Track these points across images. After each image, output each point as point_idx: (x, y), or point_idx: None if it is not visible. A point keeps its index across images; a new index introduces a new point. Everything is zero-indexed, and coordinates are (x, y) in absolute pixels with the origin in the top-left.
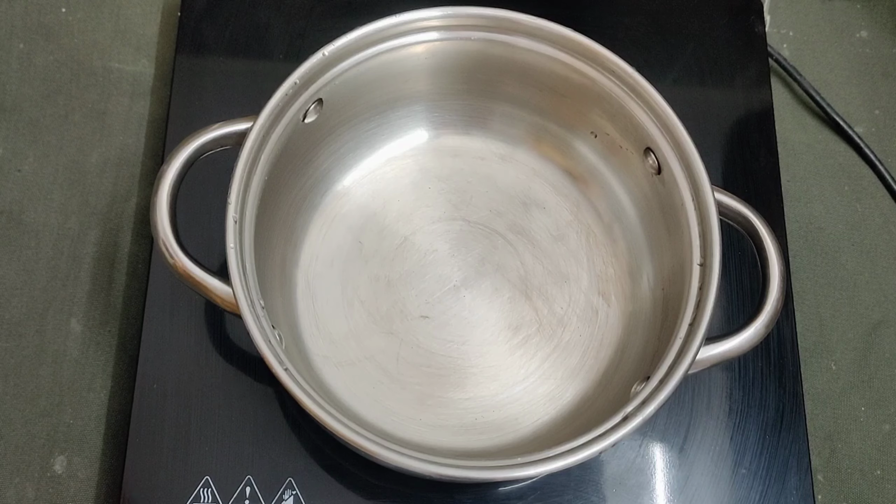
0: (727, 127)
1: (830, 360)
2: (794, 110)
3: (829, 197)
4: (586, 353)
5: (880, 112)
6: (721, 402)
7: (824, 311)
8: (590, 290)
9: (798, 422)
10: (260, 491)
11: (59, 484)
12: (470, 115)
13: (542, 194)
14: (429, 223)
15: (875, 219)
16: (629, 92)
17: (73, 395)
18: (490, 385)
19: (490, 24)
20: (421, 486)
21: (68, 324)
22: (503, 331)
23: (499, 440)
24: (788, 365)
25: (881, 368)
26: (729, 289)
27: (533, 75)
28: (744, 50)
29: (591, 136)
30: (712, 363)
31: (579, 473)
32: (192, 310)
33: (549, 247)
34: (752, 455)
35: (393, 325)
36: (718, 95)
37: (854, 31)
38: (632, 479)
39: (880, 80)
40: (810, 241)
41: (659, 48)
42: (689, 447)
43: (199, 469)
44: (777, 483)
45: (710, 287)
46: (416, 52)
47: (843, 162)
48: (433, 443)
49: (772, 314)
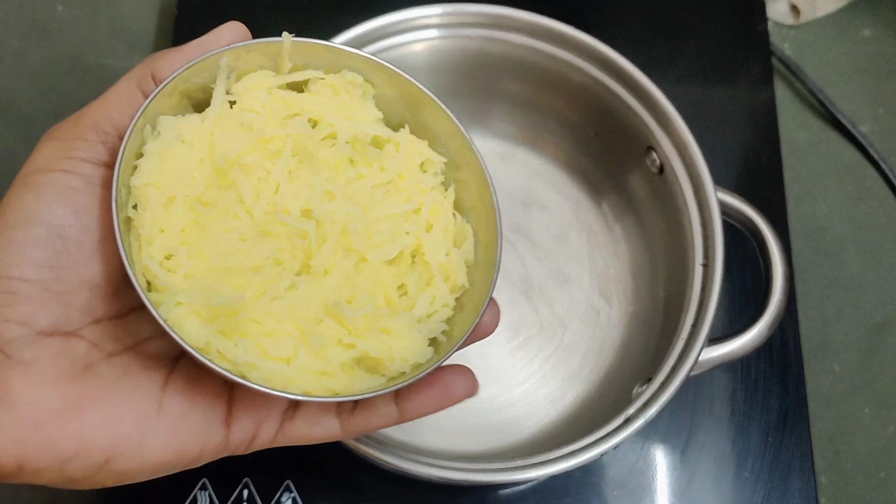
0: (729, 126)
1: (834, 361)
2: (797, 109)
3: (833, 196)
4: (587, 355)
5: (884, 111)
6: (723, 404)
7: (828, 311)
8: (591, 290)
9: (801, 424)
10: (258, 493)
11: None
12: (470, 114)
13: (542, 194)
14: None
15: (879, 219)
16: (631, 90)
17: None
18: (490, 387)
19: (490, 22)
20: (421, 489)
21: None
22: (504, 332)
23: (499, 442)
24: (791, 366)
25: (885, 370)
26: (731, 289)
27: (533, 73)
28: (746, 48)
29: (592, 135)
30: (714, 364)
31: (580, 476)
32: None
33: (549, 247)
34: (754, 457)
35: None
36: (721, 94)
37: (857, 30)
38: (633, 482)
39: (884, 78)
40: (813, 241)
41: (660, 46)
42: (691, 449)
43: (196, 471)
44: (780, 486)
45: (713, 288)
46: (416, 51)
47: (847, 161)
48: (433, 445)
49: (775, 315)
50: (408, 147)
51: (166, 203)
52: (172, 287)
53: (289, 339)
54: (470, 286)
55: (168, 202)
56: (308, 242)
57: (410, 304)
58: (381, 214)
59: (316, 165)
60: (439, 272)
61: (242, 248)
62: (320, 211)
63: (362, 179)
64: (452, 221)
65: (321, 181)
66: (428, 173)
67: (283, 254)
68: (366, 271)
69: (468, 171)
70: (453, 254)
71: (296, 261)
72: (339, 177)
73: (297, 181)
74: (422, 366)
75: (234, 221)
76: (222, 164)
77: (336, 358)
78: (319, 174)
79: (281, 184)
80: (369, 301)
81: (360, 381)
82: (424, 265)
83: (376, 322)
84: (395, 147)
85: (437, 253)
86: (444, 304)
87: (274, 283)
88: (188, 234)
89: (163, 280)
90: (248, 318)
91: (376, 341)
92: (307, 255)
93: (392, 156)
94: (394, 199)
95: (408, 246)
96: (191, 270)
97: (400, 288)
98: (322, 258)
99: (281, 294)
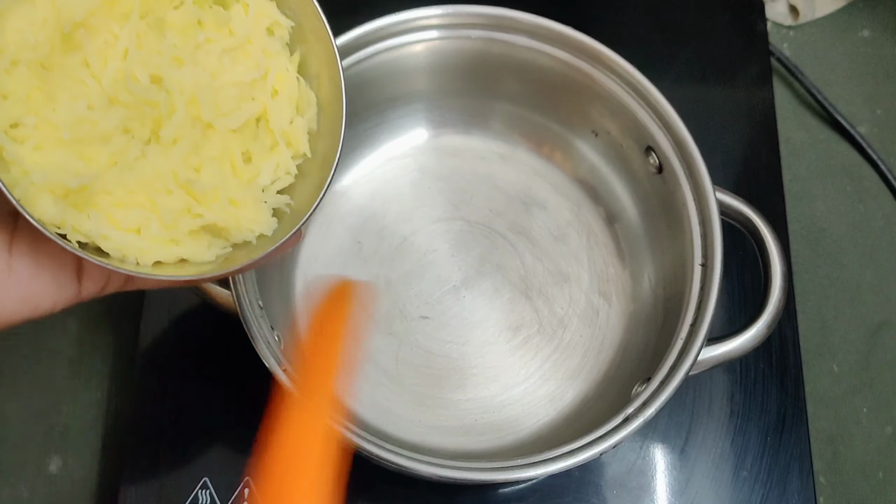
0: (729, 126)
1: (833, 361)
2: (796, 109)
3: (832, 197)
4: (587, 354)
5: (882, 112)
6: (722, 404)
7: (826, 312)
8: (590, 290)
9: (800, 424)
10: (259, 492)
11: (54, 484)
12: (470, 115)
13: (542, 194)
14: (428, 223)
15: (877, 219)
16: (630, 91)
17: (69, 395)
18: (490, 386)
19: (490, 23)
20: (421, 488)
21: (65, 323)
22: (503, 331)
23: (499, 441)
24: (790, 367)
25: (884, 371)
26: (730, 289)
27: (533, 74)
28: (745, 48)
29: (591, 135)
30: (713, 364)
31: (580, 475)
32: (191, 310)
33: (549, 246)
34: (753, 457)
35: (392, 325)
36: (720, 94)
37: (856, 31)
38: (632, 481)
39: (882, 79)
40: (812, 241)
41: (660, 46)
42: (690, 449)
43: (197, 470)
44: (779, 486)
45: (712, 287)
46: (416, 51)
47: (846, 162)
48: (433, 444)
49: (773, 315)
50: (256, 9)
51: (8, 68)
52: (22, 161)
53: (139, 209)
54: (311, 156)
55: (10, 66)
56: (157, 111)
57: (255, 173)
58: (229, 82)
59: (164, 29)
60: (283, 139)
61: (91, 116)
62: (169, 78)
63: (210, 44)
64: (297, 88)
65: (169, 46)
66: (275, 36)
67: (132, 122)
68: (213, 139)
69: (315, 40)
70: (296, 121)
71: (145, 129)
72: (187, 41)
73: (145, 46)
74: (265, 238)
75: (81, 88)
76: (68, 27)
77: (185, 227)
78: (167, 38)
79: (129, 49)
80: (217, 170)
81: (207, 246)
82: (269, 132)
83: (225, 193)
84: (243, 9)
85: (282, 120)
86: (287, 172)
87: (124, 154)
88: (34, 102)
89: (11, 152)
90: (101, 189)
91: (224, 212)
92: (156, 124)
93: (240, 18)
94: (242, 65)
95: (254, 113)
96: (40, 142)
97: (243, 154)
98: (171, 128)
99: (131, 165)
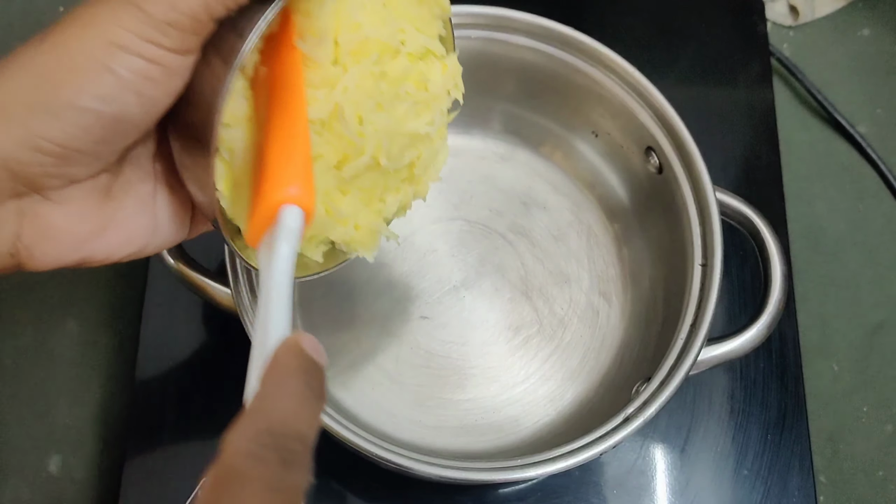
0: (729, 126)
1: (833, 360)
2: (796, 109)
3: (832, 196)
4: (587, 354)
5: (882, 111)
6: (722, 403)
7: (826, 311)
8: (591, 290)
9: (800, 423)
10: None
11: (55, 485)
12: (470, 115)
13: (542, 194)
14: (428, 223)
15: (877, 219)
16: (630, 91)
17: (69, 396)
18: (490, 386)
19: (490, 23)
20: (421, 488)
21: (65, 324)
22: (503, 331)
23: (499, 441)
24: (790, 366)
25: (883, 369)
26: (730, 289)
27: (533, 74)
28: (745, 49)
29: (592, 135)
30: (714, 364)
31: (580, 475)
32: (191, 311)
33: (549, 247)
34: (753, 456)
35: (392, 325)
36: (720, 94)
37: (856, 30)
38: (633, 481)
39: (882, 78)
40: (812, 240)
41: (660, 47)
42: (690, 448)
43: (197, 470)
44: (779, 484)
45: (712, 287)
46: None
47: (846, 161)
48: (433, 444)
49: (774, 315)
50: (451, 72)
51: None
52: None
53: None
54: None
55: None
56: (348, 148)
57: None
58: (408, 132)
59: (384, 78)
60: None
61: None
62: (368, 121)
63: (409, 96)
64: (446, 148)
65: (379, 93)
66: (449, 96)
67: (325, 148)
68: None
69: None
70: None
71: (333, 159)
72: (393, 90)
73: (362, 89)
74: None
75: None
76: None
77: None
78: (380, 86)
79: (349, 87)
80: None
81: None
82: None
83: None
84: (441, 69)
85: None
86: (406, 207)
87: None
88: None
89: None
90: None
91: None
92: (343, 158)
93: (437, 78)
94: (423, 120)
95: (412, 160)
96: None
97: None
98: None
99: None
